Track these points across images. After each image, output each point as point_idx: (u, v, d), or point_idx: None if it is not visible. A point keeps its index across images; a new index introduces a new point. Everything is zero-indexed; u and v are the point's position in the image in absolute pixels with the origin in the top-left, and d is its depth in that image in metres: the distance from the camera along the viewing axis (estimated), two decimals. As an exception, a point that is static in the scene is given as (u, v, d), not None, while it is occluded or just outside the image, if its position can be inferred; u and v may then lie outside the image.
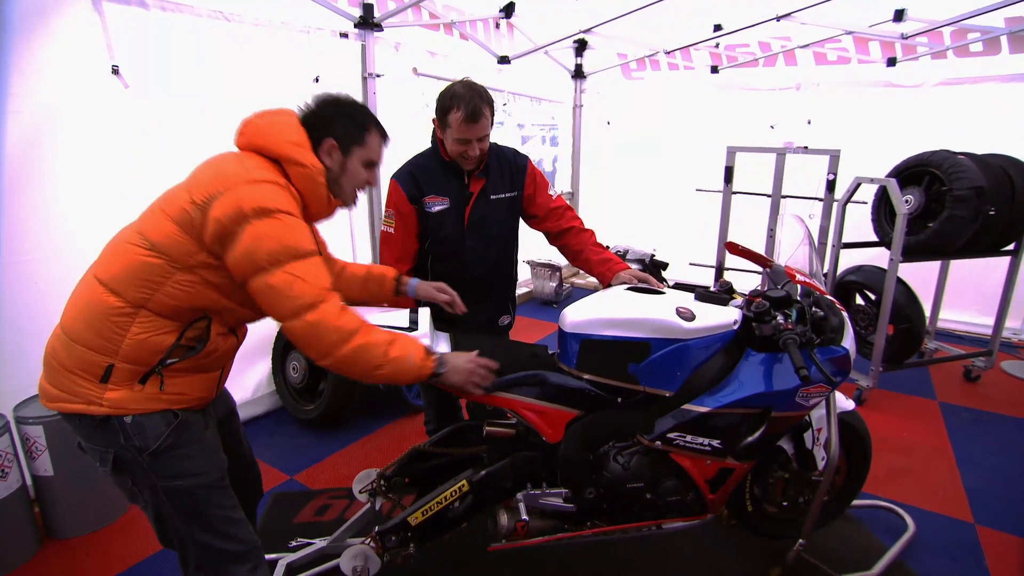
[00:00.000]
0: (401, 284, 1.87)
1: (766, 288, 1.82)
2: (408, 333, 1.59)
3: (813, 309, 1.70)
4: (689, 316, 1.60)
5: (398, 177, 2.04)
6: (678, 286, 2.00)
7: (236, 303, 1.35)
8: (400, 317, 1.69)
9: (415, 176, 2.01)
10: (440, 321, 2.06)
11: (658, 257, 5.53)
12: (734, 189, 4.26)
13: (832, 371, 1.63)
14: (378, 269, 1.88)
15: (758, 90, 5.21)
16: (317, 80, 3.39)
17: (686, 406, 1.59)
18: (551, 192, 2.14)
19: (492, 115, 1.92)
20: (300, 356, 3.16)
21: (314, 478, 2.71)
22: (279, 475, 2.72)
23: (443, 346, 1.71)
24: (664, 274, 5.58)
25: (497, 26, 4.88)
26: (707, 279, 4.90)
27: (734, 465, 1.67)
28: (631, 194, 6.10)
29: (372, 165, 1.47)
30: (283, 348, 3.25)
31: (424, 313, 1.72)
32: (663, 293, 1.79)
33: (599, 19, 4.48)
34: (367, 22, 3.58)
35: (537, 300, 5.84)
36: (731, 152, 4.19)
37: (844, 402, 1.95)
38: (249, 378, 3.29)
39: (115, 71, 2.53)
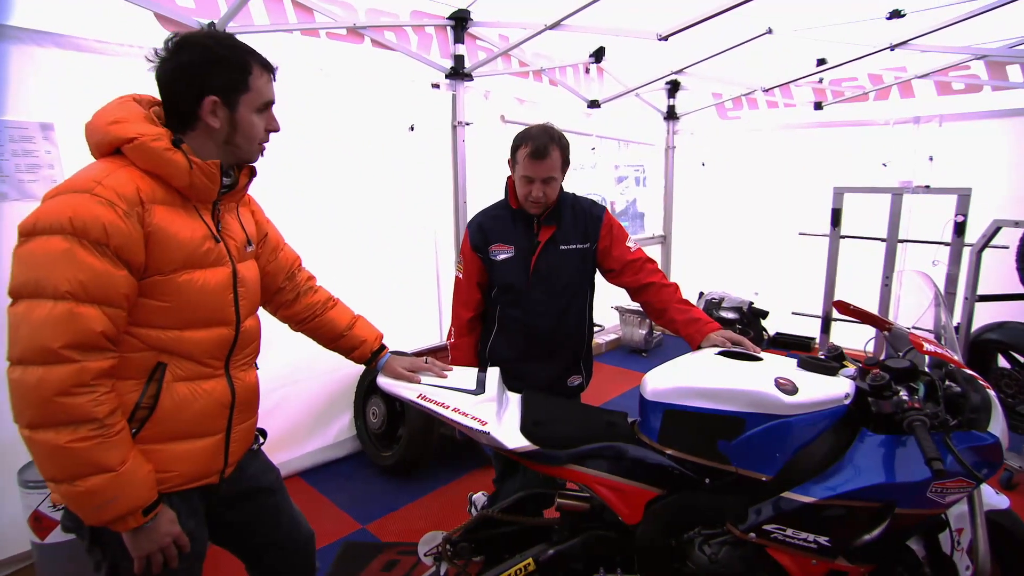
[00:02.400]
0: (378, 357, 1.64)
1: (884, 356, 1.57)
2: (474, 396, 1.51)
3: (946, 383, 1.43)
4: (791, 388, 1.40)
5: (470, 225, 2.09)
6: (779, 337, 1.78)
7: (167, 327, 1.13)
8: (467, 377, 1.61)
9: (483, 225, 2.03)
10: (506, 377, 1.98)
11: (758, 305, 5.18)
12: (842, 233, 3.89)
13: (975, 462, 1.35)
14: (365, 332, 1.62)
15: (869, 125, 4.80)
16: (412, 129, 3.51)
17: (787, 494, 1.37)
18: (629, 244, 2.02)
19: (564, 160, 1.89)
20: (380, 401, 3.18)
21: (386, 529, 2.66)
22: (352, 523, 2.70)
23: (513, 409, 1.61)
24: (764, 324, 5.19)
25: (587, 71, 4.87)
26: (812, 329, 4.48)
27: (847, 568, 1.41)
28: (728, 238, 5.76)
29: (267, 106, 1.24)
30: (365, 392, 3.28)
31: (493, 374, 1.63)
32: (760, 359, 1.59)
33: (692, 59, 4.34)
34: (458, 72, 3.68)
35: (625, 348, 5.59)
36: (839, 193, 3.84)
37: (994, 498, 1.61)
38: (332, 423, 3.35)
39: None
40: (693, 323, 1.82)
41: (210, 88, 1.14)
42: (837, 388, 1.43)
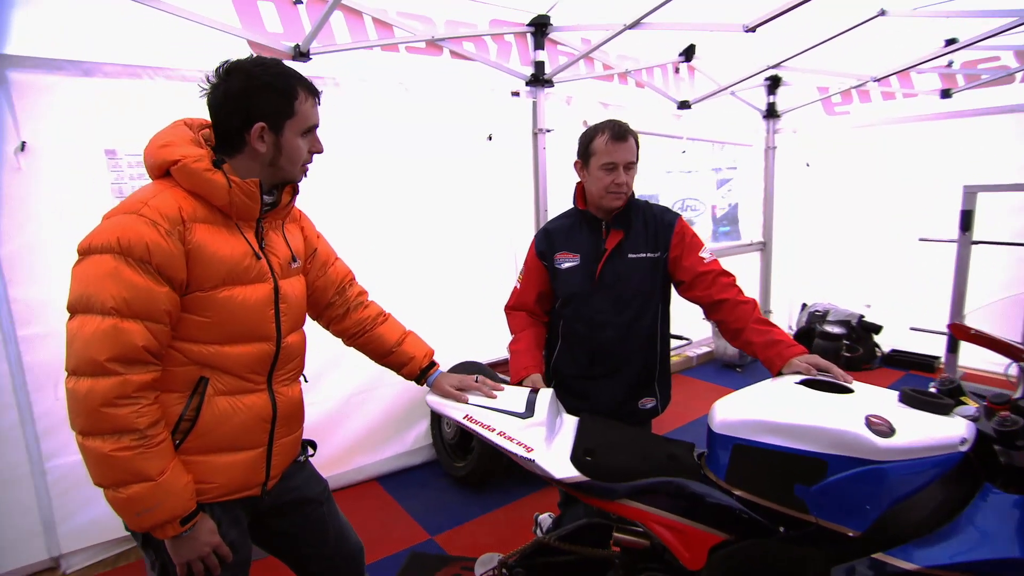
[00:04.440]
0: (427, 375, 1.62)
1: (1019, 394, 1.30)
2: (521, 419, 1.43)
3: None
4: (886, 429, 1.19)
5: (537, 233, 2.03)
6: (895, 355, 1.54)
7: (208, 342, 1.18)
8: (517, 398, 1.53)
9: (550, 232, 1.97)
10: (570, 396, 1.88)
11: (869, 319, 4.68)
12: (974, 238, 3.39)
13: None
14: (414, 349, 1.61)
15: (1013, 113, 4.15)
16: (490, 138, 3.51)
17: (880, 555, 1.16)
18: (703, 255, 1.84)
19: (638, 151, 1.82)
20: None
21: (453, 542, 2.64)
22: (421, 532, 2.71)
23: (567, 433, 1.51)
24: (876, 340, 4.67)
25: (676, 70, 4.64)
26: (935, 348, 3.96)
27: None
28: (834, 244, 5.24)
29: (311, 130, 1.26)
30: (440, 400, 3.29)
31: (544, 396, 1.54)
32: (851, 391, 1.38)
33: (792, 51, 3.99)
34: (538, 79, 3.63)
35: (718, 362, 5.24)
36: (970, 193, 3.35)
37: None
38: (410, 430, 3.39)
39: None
40: (773, 346, 1.61)
41: (257, 114, 1.17)
42: (949, 431, 1.20)
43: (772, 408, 1.33)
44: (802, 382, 1.42)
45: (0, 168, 2.19)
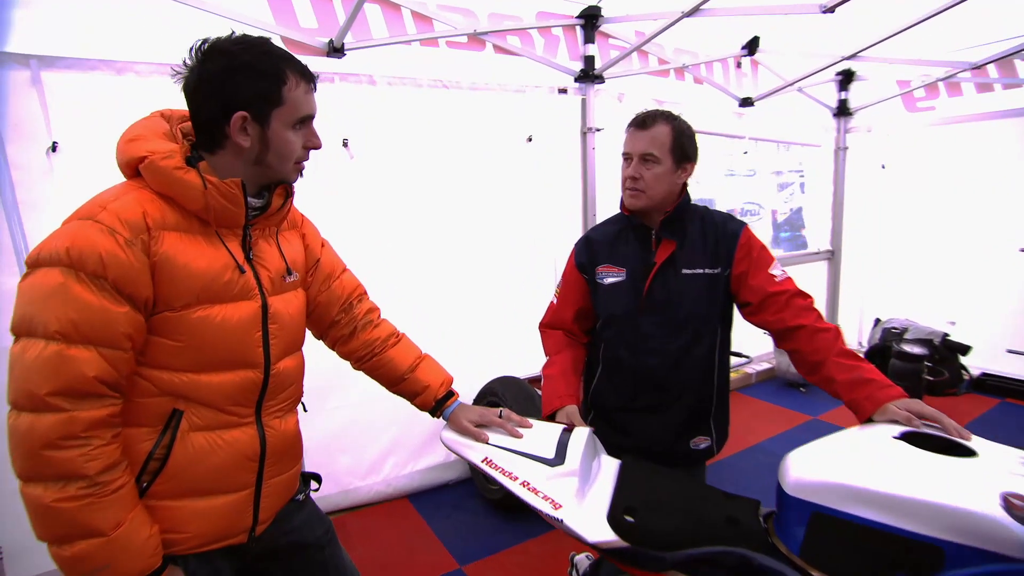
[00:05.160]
0: (444, 406, 1.41)
1: None
2: (549, 467, 1.21)
3: None
4: (1029, 511, 0.91)
5: (577, 242, 1.78)
6: (987, 379, 1.26)
7: (181, 370, 1.00)
8: (546, 438, 1.31)
9: (592, 241, 1.72)
10: (610, 430, 1.64)
11: (955, 338, 4.19)
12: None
13: None
14: (428, 376, 1.40)
15: None
16: (530, 139, 3.31)
17: None
18: (775, 272, 1.56)
19: (676, 145, 1.55)
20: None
21: (481, 573, 2.44)
22: (450, 561, 2.52)
23: (605, 481, 1.28)
24: (963, 362, 4.17)
25: (738, 65, 4.31)
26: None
27: None
28: (914, 254, 4.73)
29: (304, 120, 1.07)
30: (476, 416, 3.10)
31: (579, 437, 1.31)
32: (972, 452, 1.09)
33: (870, 40, 3.59)
34: (588, 75, 3.40)
35: (780, 381, 4.80)
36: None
37: None
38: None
39: (344, 144, 2.73)
40: (861, 386, 1.31)
41: (238, 101, 0.99)
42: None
43: (865, 469, 1.06)
44: (902, 436, 1.14)
45: (31, 169, 2.14)
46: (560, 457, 1.23)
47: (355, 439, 2.87)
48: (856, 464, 1.08)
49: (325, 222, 2.61)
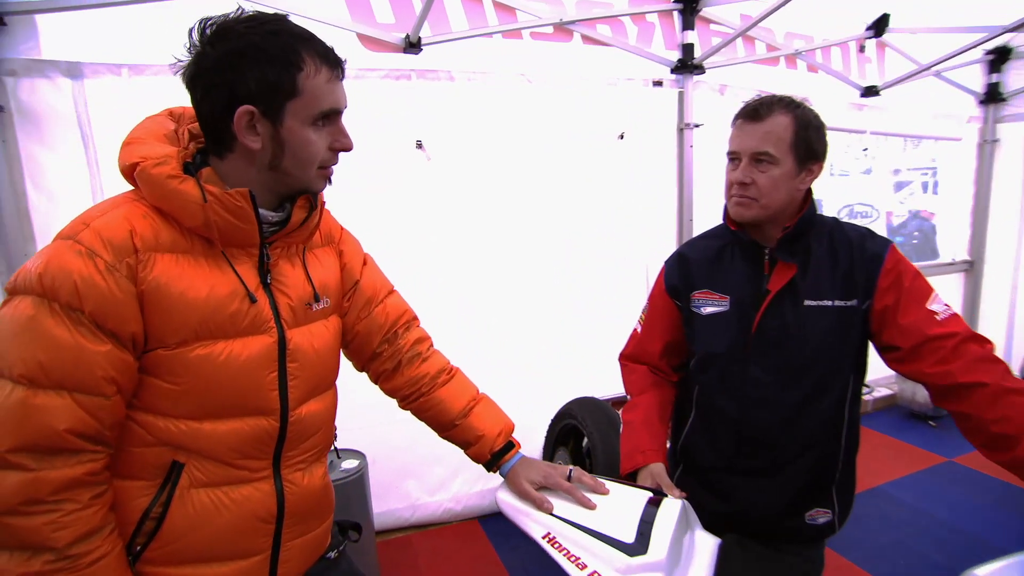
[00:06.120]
0: (501, 461, 1.18)
1: None
2: (626, 555, 0.95)
3: None
4: None
5: (669, 258, 1.46)
6: None
7: (179, 417, 0.85)
8: (625, 514, 1.04)
9: (687, 259, 1.40)
10: (706, 493, 1.36)
11: None
12: None
13: None
14: (484, 423, 1.17)
15: None
16: (622, 137, 3.04)
17: None
18: (934, 308, 1.18)
19: (799, 140, 1.21)
20: (566, 453, 2.74)
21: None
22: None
23: (700, 568, 1.01)
24: None
25: (861, 49, 3.78)
26: None
27: None
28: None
29: (329, 116, 0.87)
30: (554, 440, 2.85)
31: (670, 515, 1.03)
32: None
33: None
34: (686, 65, 3.07)
35: (904, 410, 4.18)
36: None
37: None
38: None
39: (419, 145, 2.59)
40: None
41: (243, 93, 0.81)
42: None
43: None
44: None
45: (74, 175, 2.11)
46: (643, 544, 0.96)
47: (423, 453, 2.72)
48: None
49: (398, 230, 2.56)
